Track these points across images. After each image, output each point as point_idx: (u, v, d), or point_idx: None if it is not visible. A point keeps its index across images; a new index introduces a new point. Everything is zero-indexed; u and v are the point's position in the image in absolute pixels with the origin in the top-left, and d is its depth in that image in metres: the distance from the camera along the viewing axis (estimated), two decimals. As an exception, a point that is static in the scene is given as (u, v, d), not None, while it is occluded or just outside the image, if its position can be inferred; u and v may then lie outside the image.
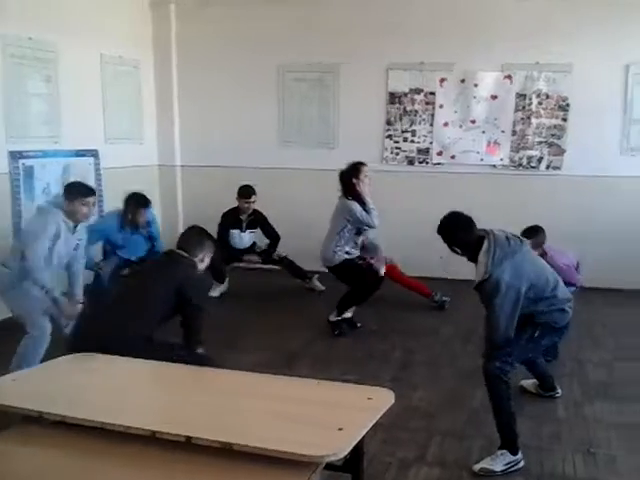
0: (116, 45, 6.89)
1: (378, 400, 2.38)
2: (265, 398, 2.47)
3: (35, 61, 5.96)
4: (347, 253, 5.33)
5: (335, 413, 2.28)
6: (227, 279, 6.57)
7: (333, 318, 5.32)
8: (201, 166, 7.56)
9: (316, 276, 6.61)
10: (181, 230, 7.63)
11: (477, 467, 3.22)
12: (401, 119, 7.24)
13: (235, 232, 6.52)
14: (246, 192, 6.41)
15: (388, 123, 7.27)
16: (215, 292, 6.47)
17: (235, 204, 6.49)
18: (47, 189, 6.08)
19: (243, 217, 6.51)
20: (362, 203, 5.24)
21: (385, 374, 4.41)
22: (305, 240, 6.25)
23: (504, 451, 3.25)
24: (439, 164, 7.22)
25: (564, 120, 6.87)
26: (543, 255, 4.34)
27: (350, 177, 5.29)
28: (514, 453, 3.25)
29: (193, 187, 7.73)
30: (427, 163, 7.24)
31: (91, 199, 4.20)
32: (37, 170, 5.97)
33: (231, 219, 6.51)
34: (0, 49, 5.53)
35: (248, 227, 6.55)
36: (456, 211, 3.63)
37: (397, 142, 7.28)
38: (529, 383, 4.16)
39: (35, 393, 2.54)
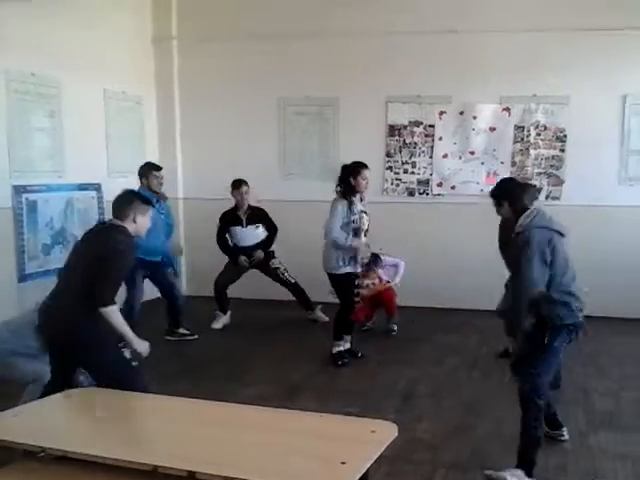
0: (119, 81, 7.01)
1: (381, 433, 2.37)
2: (267, 431, 2.45)
3: (38, 96, 6.06)
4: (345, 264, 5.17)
5: (338, 447, 2.27)
6: (229, 312, 6.56)
7: (335, 350, 5.30)
8: (203, 199, 7.61)
9: (319, 307, 6.60)
10: (184, 261, 7.82)
11: (493, 475, 3.31)
12: (401, 151, 7.32)
13: (237, 229, 6.52)
14: (237, 183, 6.45)
15: (388, 155, 7.35)
16: (218, 324, 6.47)
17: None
18: (50, 223, 6.13)
19: (241, 213, 6.50)
20: (350, 203, 5.13)
21: (388, 406, 4.38)
22: (307, 270, 6.25)
23: (520, 472, 3.30)
24: (439, 195, 7.27)
25: (562, 151, 6.95)
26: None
27: (348, 175, 5.17)
28: (529, 475, 3.30)
29: (195, 219, 7.77)
30: (427, 194, 7.30)
31: None
32: (40, 204, 6.02)
33: (229, 217, 6.53)
34: (4, 85, 5.63)
35: (249, 222, 6.51)
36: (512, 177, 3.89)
37: (397, 174, 7.34)
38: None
39: (36, 428, 2.54)
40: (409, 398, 4.61)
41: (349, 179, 5.16)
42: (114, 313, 3.37)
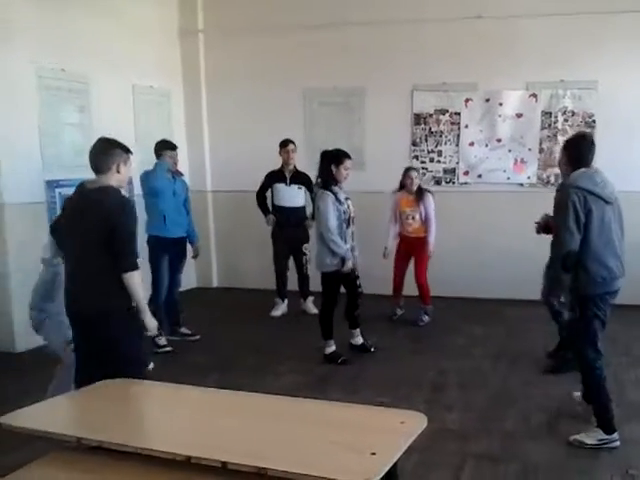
0: (147, 75, 7.08)
1: (411, 423, 2.37)
2: (298, 422, 2.48)
3: (69, 92, 6.16)
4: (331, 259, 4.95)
5: (368, 437, 2.28)
6: (286, 301, 6.68)
7: (328, 351, 5.14)
8: (231, 191, 7.68)
9: (311, 299, 6.61)
10: (214, 253, 7.91)
11: (571, 438, 3.61)
12: (427, 140, 7.28)
13: (280, 185, 6.57)
14: (284, 142, 6.55)
15: (414, 144, 7.32)
16: (277, 312, 6.59)
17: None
18: (82, 217, 6.23)
19: (286, 171, 6.57)
20: (335, 194, 4.95)
21: (418, 396, 4.40)
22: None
23: (598, 429, 3.58)
24: (466, 183, 7.23)
25: (591, 137, 6.83)
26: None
27: (330, 163, 4.98)
28: (608, 433, 3.56)
29: (224, 211, 7.85)
30: (454, 183, 7.26)
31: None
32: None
33: (274, 175, 6.61)
34: (35, 81, 5.73)
35: (292, 182, 6.56)
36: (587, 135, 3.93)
37: (423, 162, 7.31)
38: (577, 394, 4.10)
39: (72, 419, 2.60)
40: (439, 389, 4.62)
41: (330, 167, 4.95)
42: (135, 279, 3.29)
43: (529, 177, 7.07)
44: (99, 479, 2.27)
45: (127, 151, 3.44)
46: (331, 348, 5.18)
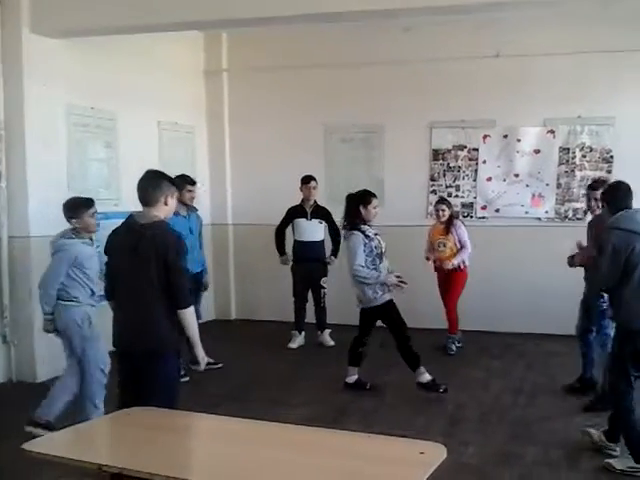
0: (172, 112, 7.29)
1: (430, 454, 2.36)
2: (316, 452, 2.49)
3: (96, 129, 6.37)
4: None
5: (387, 467, 2.29)
6: (304, 333, 6.74)
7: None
8: (251, 224, 7.80)
9: (328, 331, 6.71)
10: (233, 285, 7.99)
11: (605, 461, 3.73)
12: (445, 175, 7.36)
13: (301, 220, 6.68)
14: (306, 179, 6.67)
15: (432, 179, 7.41)
16: (294, 344, 6.64)
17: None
18: (106, 249, 6.36)
19: (306, 207, 6.69)
20: (363, 232, 5.01)
21: (435, 429, 4.39)
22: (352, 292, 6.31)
23: (630, 457, 3.67)
24: (483, 218, 7.28)
25: (609, 172, 6.87)
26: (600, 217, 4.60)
27: (358, 204, 5.09)
28: (638, 462, 3.64)
29: (244, 244, 7.95)
30: (471, 217, 7.31)
31: (93, 209, 4.38)
32: (98, 232, 6.24)
33: (295, 210, 6.73)
34: (65, 118, 5.94)
35: (313, 216, 6.67)
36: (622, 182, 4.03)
37: (442, 197, 7.37)
38: (594, 432, 4.07)
39: (94, 446, 2.62)
40: (456, 422, 4.61)
41: (358, 208, 5.07)
42: (191, 315, 3.36)
43: (547, 212, 7.10)
44: (120, 506, 2.30)
45: (174, 184, 3.49)
46: (354, 377, 5.27)
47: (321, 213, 6.70)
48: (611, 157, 6.88)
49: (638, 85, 6.68)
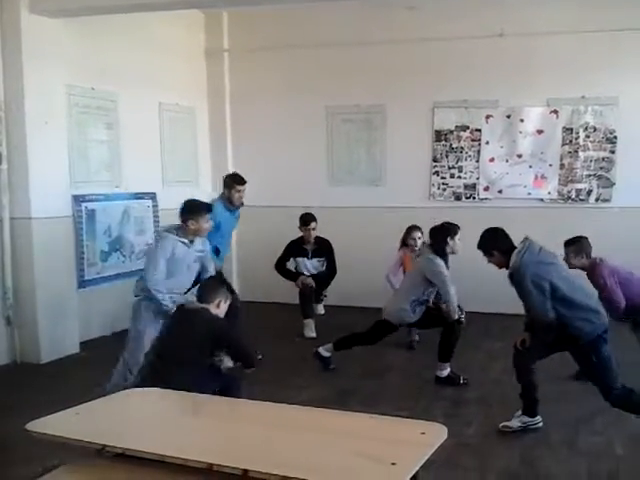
0: (173, 93, 7.25)
1: (431, 435, 2.38)
2: (319, 432, 2.51)
3: (97, 110, 6.33)
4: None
5: (388, 447, 2.30)
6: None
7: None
8: (253, 206, 7.75)
9: (322, 303, 6.68)
10: (235, 267, 8.00)
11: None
12: (447, 156, 7.33)
13: (301, 260, 6.63)
14: (305, 220, 6.55)
15: (435, 160, 7.37)
16: (312, 332, 6.44)
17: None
18: (108, 231, 6.38)
19: (308, 246, 6.61)
20: (446, 263, 5.09)
21: (437, 410, 4.42)
22: (353, 274, 6.32)
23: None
24: (486, 199, 7.25)
25: (612, 152, 6.84)
26: (593, 265, 4.86)
27: (445, 236, 5.09)
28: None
29: (246, 226, 7.91)
30: (474, 198, 7.28)
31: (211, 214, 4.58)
32: (99, 213, 6.28)
33: (295, 247, 6.64)
34: (66, 99, 5.90)
35: (314, 255, 6.62)
36: (493, 227, 4.20)
37: (444, 178, 7.36)
38: (511, 424, 4.10)
39: (97, 426, 2.62)
40: (457, 403, 4.63)
41: (446, 240, 5.07)
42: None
43: (549, 192, 7.07)
44: (124, 486, 2.32)
45: (232, 292, 4.00)
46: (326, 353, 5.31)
47: (322, 250, 6.60)
48: (614, 137, 6.83)
49: (642, 64, 6.62)
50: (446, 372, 5.05)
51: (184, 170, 7.59)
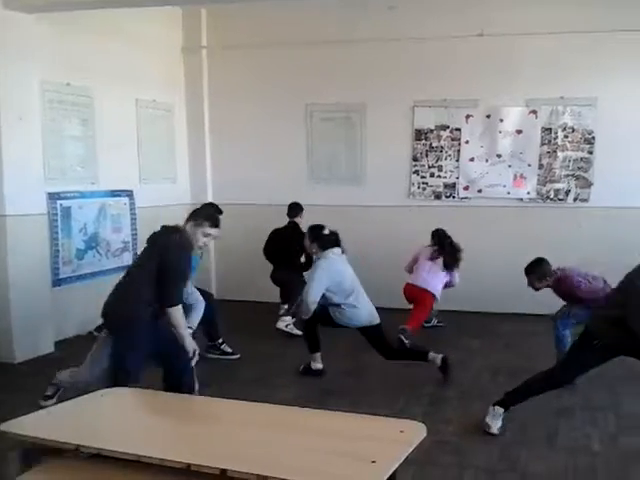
0: (150, 90, 7.17)
1: (410, 433, 2.39)
2: (298, 430, 2.50)
3: (72, 106, 6.23)
4: None
5: (368, 445, 2.30)
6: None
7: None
8: (232, 204, 7.70)
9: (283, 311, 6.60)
10: (213, 265, 7.93)
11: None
12: (427, 155, 7.34)
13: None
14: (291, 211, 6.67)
15: (415, 159, 7.38)
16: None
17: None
18: (84, 229, 6.28)
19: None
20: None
21: (416, 409, 4.41)
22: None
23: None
24: (466, 198, 7.28)
25: (590, 153, 6.90)
26: (558, 280, 4.96)
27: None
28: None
29: (224, 224, 7.83)
30: (454, 197, 7.31)
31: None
32: (74, 210, 6.18)
33: (279, 236, 6.69)
34: (40, 94, 5.77)
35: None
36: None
37: (424, 177, 7.37)
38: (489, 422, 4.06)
39: (71, 426, 2.58)
40: (436, 402, 4.63)
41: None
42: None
43: (529, 192, 7.12)
44: (98, 487, 2.28)
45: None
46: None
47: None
48: (593, 138, 6.90)
49: (620, 66, 6.68)
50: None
51: (161, 167, 7.51)
